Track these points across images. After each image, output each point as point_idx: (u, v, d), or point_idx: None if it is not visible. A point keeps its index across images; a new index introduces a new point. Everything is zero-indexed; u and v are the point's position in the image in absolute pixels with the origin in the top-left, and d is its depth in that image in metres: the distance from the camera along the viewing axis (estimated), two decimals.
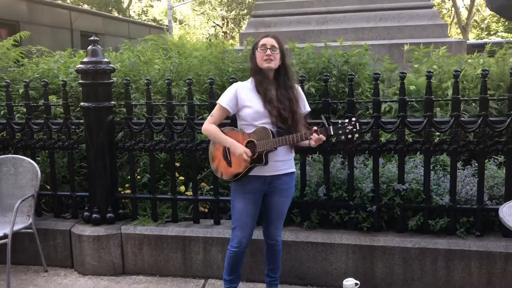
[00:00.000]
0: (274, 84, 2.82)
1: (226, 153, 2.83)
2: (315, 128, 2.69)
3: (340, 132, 2.66)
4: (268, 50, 2.75)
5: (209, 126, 2.86)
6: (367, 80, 4.28)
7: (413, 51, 4.67)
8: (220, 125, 2.90)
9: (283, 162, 2.84)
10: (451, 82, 3.86)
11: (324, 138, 2.69)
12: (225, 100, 2.83)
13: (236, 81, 3.14)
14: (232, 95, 2.83)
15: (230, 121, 3.00)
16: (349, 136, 2.66)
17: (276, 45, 2.78)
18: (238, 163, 2.77)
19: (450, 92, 3.79)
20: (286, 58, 2.84)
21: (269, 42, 2.78)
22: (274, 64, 2.77)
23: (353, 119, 2.68)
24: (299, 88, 2.95)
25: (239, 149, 2.71)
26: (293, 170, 2.93)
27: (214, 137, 2.85)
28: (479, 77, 3.91)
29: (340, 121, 2.73)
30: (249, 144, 2.75)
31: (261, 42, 2.80)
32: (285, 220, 3.47)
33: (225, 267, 3.01)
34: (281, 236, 3.36)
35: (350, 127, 2.64)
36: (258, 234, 3.24)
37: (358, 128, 2.65)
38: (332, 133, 2.68)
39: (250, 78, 2.89)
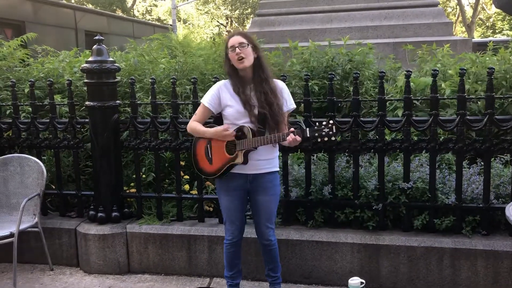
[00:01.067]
0: (251, 81, 2.82)
1: (208, 150, 2.88)
2: (292, 129, 2.68)
3: (316, 134, 2.63)
4: (237, 48, 2.74)
5: (192, 123, 2.92)
6: (369, 79, 4.27)
7: (417, 50, 4.65)
8: (204, 124, 2.93)
9: (265, 161, 2.85)
10: (448, 82, 3.86)
11: (299, 139, 2.67)
12: (207, 99, 2.87)
13: None
14: (214, 95, 2.86)
15: (213, 120, 3.00)
16: (325, 139, 2.62)
17: (244, 41, 2.77)
18: (218, 160, 2.83)
19: (446, 91, 3.77)
20: (258, 51, 2.83)
21: (236, 41, 2.77)
22: (248, 61, 2.77)
23: (331, 121, 2.63)
24: (281, 84, 2.93)
25: (219, 130, 2.75)
26: (276, 169, 2.94)
27: (196, 132, 2.91)
28: (478, 76, 3.91)
29: (317, 123, 2.68)
30: (230, 143, 2.79)
31: (229, 44, 2.79)
32: (290, 219, 3.49)
33: (225, 264, 3.06)
34: (286, 236, 3.37)
35: (326, 130, 2.61)
36: None
37: (335, 131, 2.61)
38: (308, 135, 2.65)
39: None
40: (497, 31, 28.15)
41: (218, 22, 34.79)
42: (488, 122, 3.11)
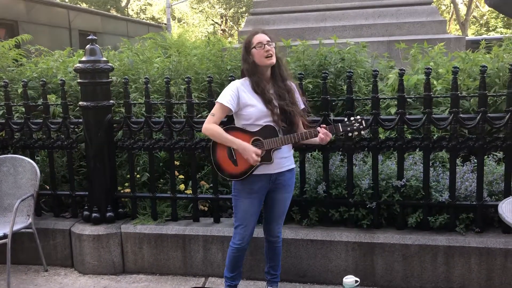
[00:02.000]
0: (270, 81, 2.82)
1: (232, 152, 2.78)
2: (323, 125, 2.73)
3: (348, 129, 2.72)
4: (266, 45, 2.74)
5: (211, 126, 2.78)
6: (362, 78, 4.28)
7: (410, 48, 4.67)
8: (220, 124, 2.85)
9: (286, 159, 2.85)
10: (441, 80, 3.87)
11: (331, 135, 2.72)
12: (226, 98, 2.78)
13: (235, 79, 3.12)
14: (234, 94, 2.79)
15: (226, 120, 2.96)
16: (355, 133, 2.72)
17: (270, 40, 2.78)
18: (244, 161, 2.74)
19: (437, 88, 3.79)
20: (277, 51, 2.84)
21: (263, 38, 2.76)
22: (274, 59, 2.77)
23: (358, 116, 2.75)
24: (293, 84, 2.94)
25: (249, 150, 2.68)
26: (294, 166, 2.95)
27: (219, 138, 2.77)
28: (470, 73, 3.92)
29: (346, 119, 2.78)
30: (256, 143, 2.75)
31: (256, 40, 2.77)
32: (285, 218, 3.49)
33: (227, 265, 3.01)
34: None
35: (357, 124, 2.71)
36: (258, 232, 3.24)
37: (364, 125, 2.72)
38: (341, 130, 2.72)
39: (245, 78, 2.85)
40: (491, 28, 28.26)
41: (212, 20, 34.73)
42: (481, 120, 3.13)
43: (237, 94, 2.78)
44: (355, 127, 2.71)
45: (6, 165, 3.77)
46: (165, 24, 22.38)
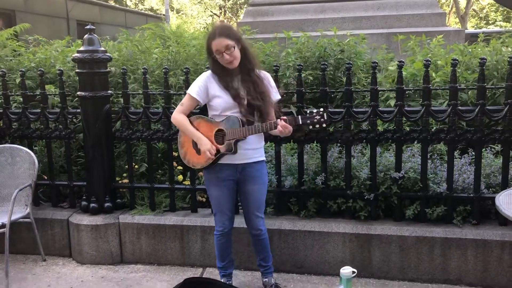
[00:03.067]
0: (238, 73, 2.80)
1: (196, 142, 2.85)
2: (284, 117, 2.68)
3: (308, 121, 2.66)
4: (224, 54, 2.69)
5: (178, 116, 2.86)
6: (362, 70, 4.27)
7: (409, 40, 4.66)
8: (191, 114, 2.92)
9: (253, 151, 2.85)
10: (440, 72, 3.87)
11: (290, 127, 2.67)
12: (195, 90, 2.82)
13: None
14: (202, 85, 2.82)
15: (199, 110, 2.98)
16: (317, 126, 2.65)
17: (230, 42, 2.69)
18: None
19: (436, 80, 3.79)
20: (243, 42, 2.79)
21: (220, 44, 2.68)
22: (237, 60, 2.74)
23: (321, 110, 2.68)
24: (266, 74, 2.92)
25: (205, 145, 2.75)
26: (263, 158, 2.95)
27: (183, 128, 2.87)
28: (469, 66, 3.92)
29: (309, 111, 2.72)
30: (219, 133, 2.78)
31: (214, 48, 2.70)
32: (282, 209, 3.51)
33: (217, 255, 3.07)
34: (278, 226, 3.39)
35: (318, 117, 2.64)
36: None
37: (325, 118, 2.65)
38: (300, 123, 2.67)
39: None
40: (490, 22, 28.20)
41: (211, 12, 34.55)
42: (479, 112, 3.13)
43: (205, 85, 2.81)
44: (315, 120, 2.64)
45: (3, 155, 3.76)
46: (163, 15, 22.26)
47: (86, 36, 3.62)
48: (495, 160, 3.44)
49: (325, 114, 2.65)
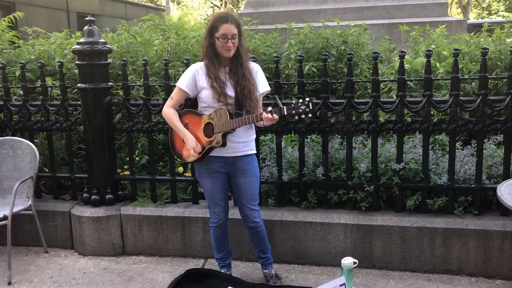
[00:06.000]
0: (227, 64, 2.78)
1: None
2: (270, 108, 2.65)
3: (293, 112, 2.62)
4: (229, 40, 2.67)
5: (167, 110, 2.88)
6: (364, 61, 4.24)
7: (412, 30, 4.62)
8: (180, 107, 2.93)
9: (243, 144, 2.85)
10: (444, 63, 3.84)
11: (277, 117, 2.64)
12: (184, 82, 2.82)
13: None
14: (191, 78, 2.82)
15: (190, 104, 2.97)
16: (303, 116, 2.61)
17: (236, 32, 2.69)
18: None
19: (440, 71, 3.77)
20: (242, 36, 2.78)
21: (230, 31, 2.67)
22: (233, 52, 2.73)
23: (307, 99, 2.63)
24: (256, 66, 2.89)
25: (191, 143, 2.76)
26: (254, 151, 2.94)
27: (171, 123, 2.88)
28: (473, 56, 3.89)
29: (293, 101, 2.69)
30: (208, 126, 2.78)
31: (221, 31, 2.68)
32: (284, 200, 3.51)
33: (214, 247, 3.09)
34: (280, 217, 3.39)
35: (303, 107, 2.60)
36: None
37: (311, 108, 2.59)
38: (285, 113, 2.65)
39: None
40: (492, 12, 28.01)
41: (212, 3, 34.36)
42: (481, 103, 3.11)
43: (194, 77, 2.81)
44: (300, 110, 2.60)
45: (5, 147, 3.76)
46: (164, 6, 22.15)
47: (86, 27, 3.60)
48: (497, 150, 3.43)
49: (310, 104, 2.59)
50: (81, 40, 3.58)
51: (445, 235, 3.18)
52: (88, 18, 3.64)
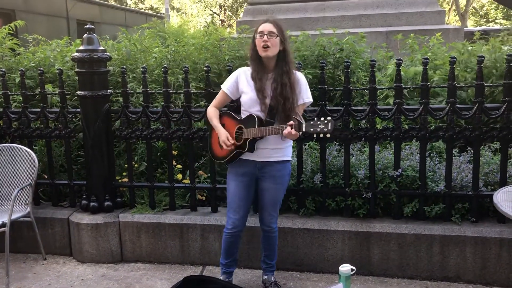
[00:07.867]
0: (272, 72, 2.80)
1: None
2: (291, 122, 2.63)
3: (311, 130, 2.60)
4: (265, 36, 2.72)
5: (210, 109, 2.99)
6: (361, 68, 4.28)
7: (407, 39, 4.66)
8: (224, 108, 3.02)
9: (273, 150, 2.85)
10: (439, 71, 3.87)
11: (295, 133, 2.61)
12: (226, 85, 2.92)
13: (233, 69, 3.15)
14: (233, 81, 2.90)
15: (235, 106, 3.00)
16: (321, 135, 2.59)
17: (274, 30, 2.74)
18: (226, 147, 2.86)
19: (435, 78, 3.80)
20: (286, 43, 2.81)
21: (266, 28, 2.75)
22: (272, 52, 2.73)
23: (328, 118, 2.60)
24: (301, 76, 2.88)
25: (222, 136, 2.83)
26: (287, 158, 2.92)
27: (210, 121, 2.96)
28: (468, 64, 3.92)
29: (315, 119, 2.64)
30: (239, 130, 2.82)
31: (259, 29, 2.78)
32: (282, 207, 3.50)
33: (222, 251, 3.07)
34: (278, 224, 3.39)
35: (322, 126, 2.58)
36: (255, 221, 3.27)
37: (329, 128, 2.55)
38: (304, 130, 2.63)
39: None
40: (490, 20, 28.16)
41: (211, 10, 34.52)
42: (477, 110, 3.14)
43: (237, 80, 2.89)
44: (319, 129, 2.58)
45: (4, 154, 3.77)
46: (163, 14, 22.25)
47: (85, 35, 3.63)
48: (494, 158, 3.45)
49: (329, 124, 2.55)
50: (81, 47, 3.61)
51: (442, 242, 3.19)
52: (87, 26, 3.66)
